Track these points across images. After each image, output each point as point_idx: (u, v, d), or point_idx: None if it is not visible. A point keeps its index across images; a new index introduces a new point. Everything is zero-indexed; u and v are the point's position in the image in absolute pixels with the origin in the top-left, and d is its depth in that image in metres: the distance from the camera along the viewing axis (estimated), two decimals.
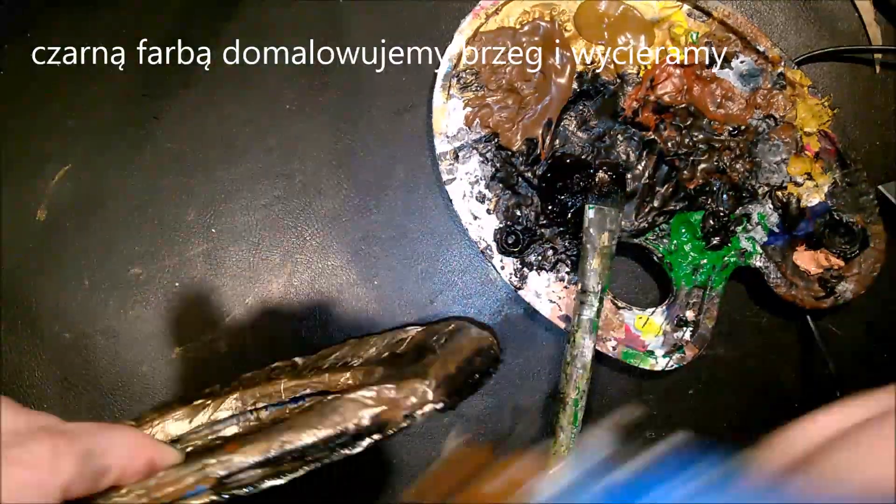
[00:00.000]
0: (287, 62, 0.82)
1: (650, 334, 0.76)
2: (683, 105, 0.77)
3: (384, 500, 0.79)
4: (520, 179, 0.77)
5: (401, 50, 0.82)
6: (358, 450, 0.46)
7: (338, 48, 0.82)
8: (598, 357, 0.77)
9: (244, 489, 0.44)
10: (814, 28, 0.84)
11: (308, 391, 0.67)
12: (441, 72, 0.77)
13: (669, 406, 0.80)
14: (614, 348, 0.75)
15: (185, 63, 0.82)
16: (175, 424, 0.69)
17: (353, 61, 0.82)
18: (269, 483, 0.44)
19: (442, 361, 0.53)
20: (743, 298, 0.81)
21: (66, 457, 0.39)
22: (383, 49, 0.83)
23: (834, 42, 0.84)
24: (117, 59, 0.82)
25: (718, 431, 0.80)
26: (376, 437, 0.47)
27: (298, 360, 0.74)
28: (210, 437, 0.68)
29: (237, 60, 0.82)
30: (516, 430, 0.79)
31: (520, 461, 0.54)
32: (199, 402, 0.70)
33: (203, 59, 0.82)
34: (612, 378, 0.80)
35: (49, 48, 0.81)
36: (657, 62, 0.77)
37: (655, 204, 0.76)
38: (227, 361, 0.78)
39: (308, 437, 0.45)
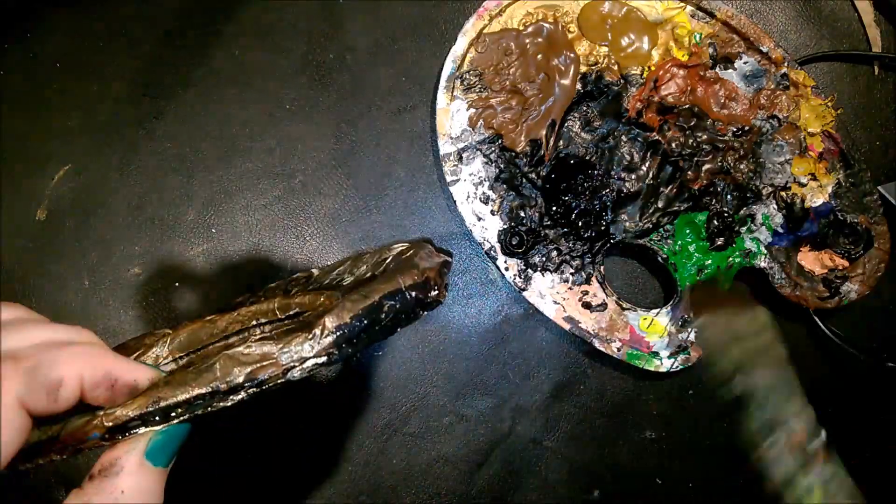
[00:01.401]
0: (287, 62, 0.82)
1: (655, 335, 0.76)
2: (687, 106, 0.77)
3: (385, 499, 0.79)
4: (524, 180, 0.76)
5: (401, 50, 0.82)
6: (236, 400, 0.48)
7: (338, 48, 0.82)
8: (601, 358, 0.78)
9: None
10: (814, 28, 0.84)
11: (295, 310, 0.68)
12: (445, 73, 0.76)
13: (669, 406, 0.80)
14: (619, 349, 0.75)
15: (185, 63, 0.82)
16: (185, 337, 0.69)
17: (353, 61, 0.82)
18: (159, 427, 0.46)
19: (340, 309, 0.52)
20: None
21: (10, 375, 0.41)
22: (383, 49, 0.82)
23: (833, 42, 0.84)
24: (117, 58, 0.81)
25: (718, 431, 0.80)
26: (252, 390, 0.48)
27: (315, 270, 0.74)
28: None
29: (237, 60, 0.82)
30: None
31: None
32: (211, 316, 0.71)
33: (203, 58, 0.82)
34: (612, 378, 0.80)
35: (49, 48, 0.81)
36: (660, 63, 0.78)
37: (660, 205, 0.77)
38: None
39: (182, 395, 0.47)
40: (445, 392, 0.80)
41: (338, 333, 0.50)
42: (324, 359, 0.50)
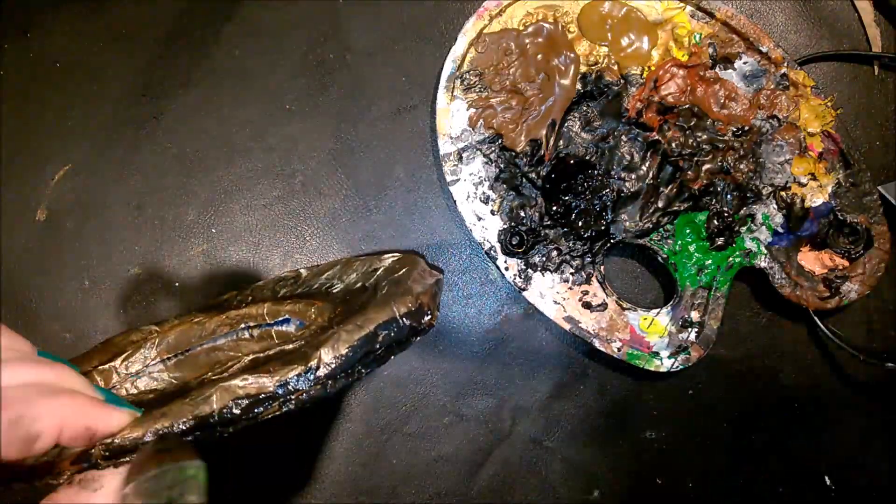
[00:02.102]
0: (287, 62, 0.82)
1: (655, 335, 0.76)
2: (687, 106, 0.77)
3: (385, 499, 0.79)
4: (524, 180, 0.76)
5: (401, 50, 0.82)
6: (232, 431, 0.50)
7: (338, 48, 0.82)
8: (601, 358, 0.78)
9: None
10: (813, 28, 0.84)
11: (285, 316, 0.70)
12: (445, 73, 0.76)
13: (669, 406, 0.80)
14: (619, 349, 0.75)
15: (185, 63, 0.82)
16: (174, 338, 0.72)
17: (353, 61, 0.82)
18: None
19: (336, 340, 0.52)
20: (744, 298, 0.81)
21: None
22: (383, 49, 0.82)
23: (833, 42, 0.84)
24: (117, 58, 0.81)
25: (718, 431, 0.80)
26: (249, 422, 0.50)
27: (303, 270, 0.76)
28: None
29: (237, 60, 0.82)
30: None
31: None
32: (199, 317, 0.72)
33: (203, 58, 0.82)
34: (612, 378, 0.80)
35: (49, 48, 0.81)
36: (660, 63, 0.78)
37: (660, 204, 0.77)
38: None
39: (179, 425, 0.48)
40: (445, 392, 0.80)
41: (333, 365, 0.51)
42: (319, 391, 0.51)
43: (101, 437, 0.46)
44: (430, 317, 0.57)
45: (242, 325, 0.71)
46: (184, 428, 0.48)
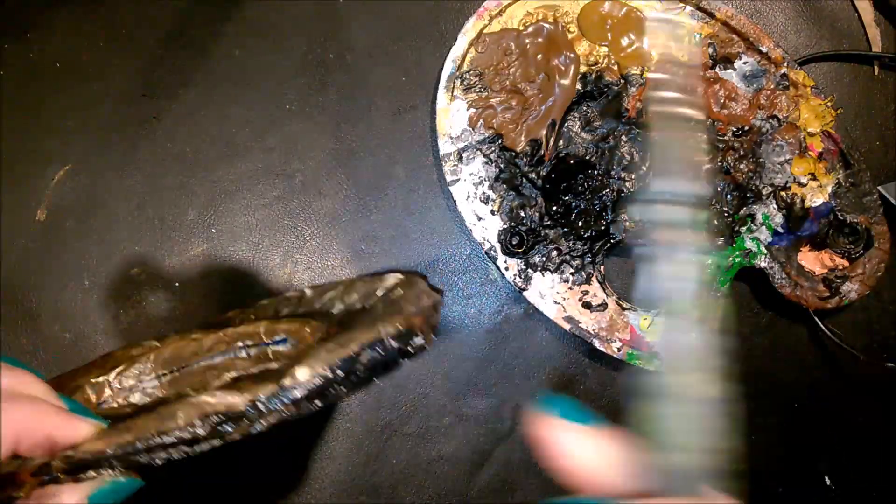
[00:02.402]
0: (287, 62, 0.82)
1: (655, 335, 0.76)
2: None
3: (385, 500, 0.79)
4: (524, 180, 0.76)
5: (401, 50, 0.82)
6: (199, 451, 0.47)
7: (338, 48, 0.82)
8: (601, 358, 0.78)
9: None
10: (813, 28, 0.84)
11: (282, 336, 0.68)
12: (445, 73, 0.76)
13: None
14: (619, 349, 0.75)
15: (185, 63, 0.82)
16: (170, 353, 0.70)
17: (353, 61, 0.82)
18: (114, 473, 0.46)
19: (314, 359, 0.50)
20: (744, 298, 0.81)
21: None
22: (383, 49, 0.82)
23: (833, 42, 0.84)
24: (117, 58, 0.81)
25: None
26: (215, 442, 0.48)
27: (307, 290, 0.75)
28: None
29: (237, 60, 0.82)
30: None
31: None
32: (197, 334, 0.71)
33: (203, 59, 0.82)
34: (612, 378, 0.80)
35: (49, 48, 0.81)
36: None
37: None
38: None
39: (140, 443, 0.46)
40: (445, 392, 0.80)
41: (308, 388, 0.49)
42: (292, 413, 0.48)
43: (62, 448, 0.44)
44: (421, 340, 0.55)
45: (239, 344, 0.70)
46: (148, 444, 0.46)
